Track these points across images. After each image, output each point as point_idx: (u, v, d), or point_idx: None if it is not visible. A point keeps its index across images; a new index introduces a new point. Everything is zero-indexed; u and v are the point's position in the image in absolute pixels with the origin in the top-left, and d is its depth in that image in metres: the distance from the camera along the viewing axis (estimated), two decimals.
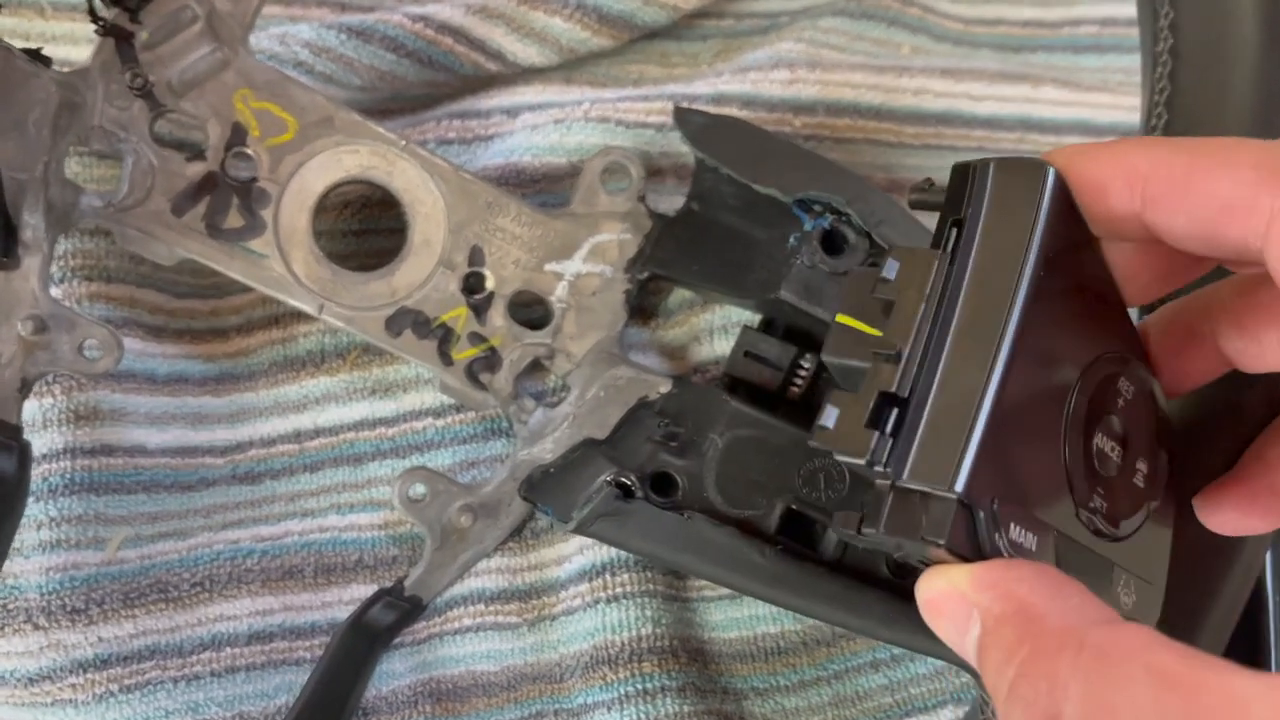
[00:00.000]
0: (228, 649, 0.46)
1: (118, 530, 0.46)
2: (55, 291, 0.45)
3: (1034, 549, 0.31)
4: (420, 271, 0.47)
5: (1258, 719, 0.23)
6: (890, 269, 0.33)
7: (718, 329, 0.50)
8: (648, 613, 0.46)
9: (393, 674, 0.47)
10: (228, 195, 0.45)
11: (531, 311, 0.50)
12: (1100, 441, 0.33)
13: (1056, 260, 0.31)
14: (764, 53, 0.56)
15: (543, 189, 0.52)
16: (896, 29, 0.59)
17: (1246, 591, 0.40)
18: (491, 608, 0.48)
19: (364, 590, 0.48)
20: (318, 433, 0.50)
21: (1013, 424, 0.30)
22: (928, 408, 0.30)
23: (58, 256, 0.46)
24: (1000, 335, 0.30)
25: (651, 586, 0.47)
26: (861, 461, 0.31)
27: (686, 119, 0.48)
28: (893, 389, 0.31)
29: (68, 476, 0.44)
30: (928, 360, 0.31)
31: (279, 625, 0.46)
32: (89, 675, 0.43)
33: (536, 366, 0.49)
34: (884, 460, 0.31)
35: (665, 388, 0.47)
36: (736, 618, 0.48)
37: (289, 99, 0.45)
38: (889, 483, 0.31)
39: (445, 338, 0.47)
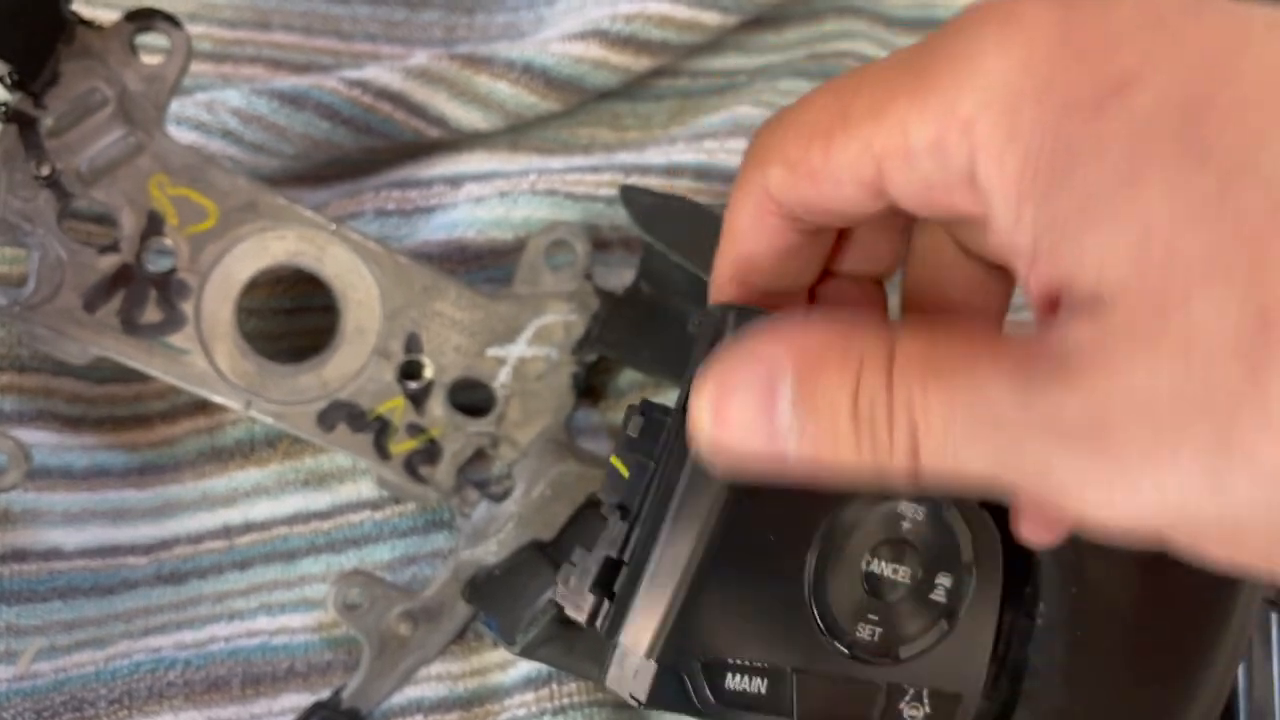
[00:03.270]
0: None
1: (31, 641, 0.43)
2: None
3: (763, 692, 0.33)
4: (354, 361, 0.44)
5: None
6: (634, 426, 0.35)
7: None
8: None
9: None
10: (144, 288, 0.42)
11: (474, 394, 0.47)
12: (879, 568, 0.34)
13: None
14: (720, 117, 0.53)
15: (488, 264, 0.49)
16: None
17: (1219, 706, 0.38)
18: (431, 718, 0.45)
19: (296, 699, 0.45)
20: (248, 528, 0.47)
21: (731, 586, 0.33)
22: (644, 576, 0.33)
23: None
24: (712, 503, 0.32)
25: (600, 695, 0.44)
26: (582, 621, 0.34)
27: (633, 200, 0.45)
28: (616, 553, 0.33)
29: None
30: (651, 521, 0.33)
31: None
32: None
33: (480, 455, 0.47)
34: (600, 622, 0.33)
35: None
36: None
37: (209, 184, 0.42)
38: (611, 642, 0.33)
39: (382, 430, 0.45)
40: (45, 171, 0.40)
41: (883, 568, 0.34)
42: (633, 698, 0.33)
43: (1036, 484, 0.24)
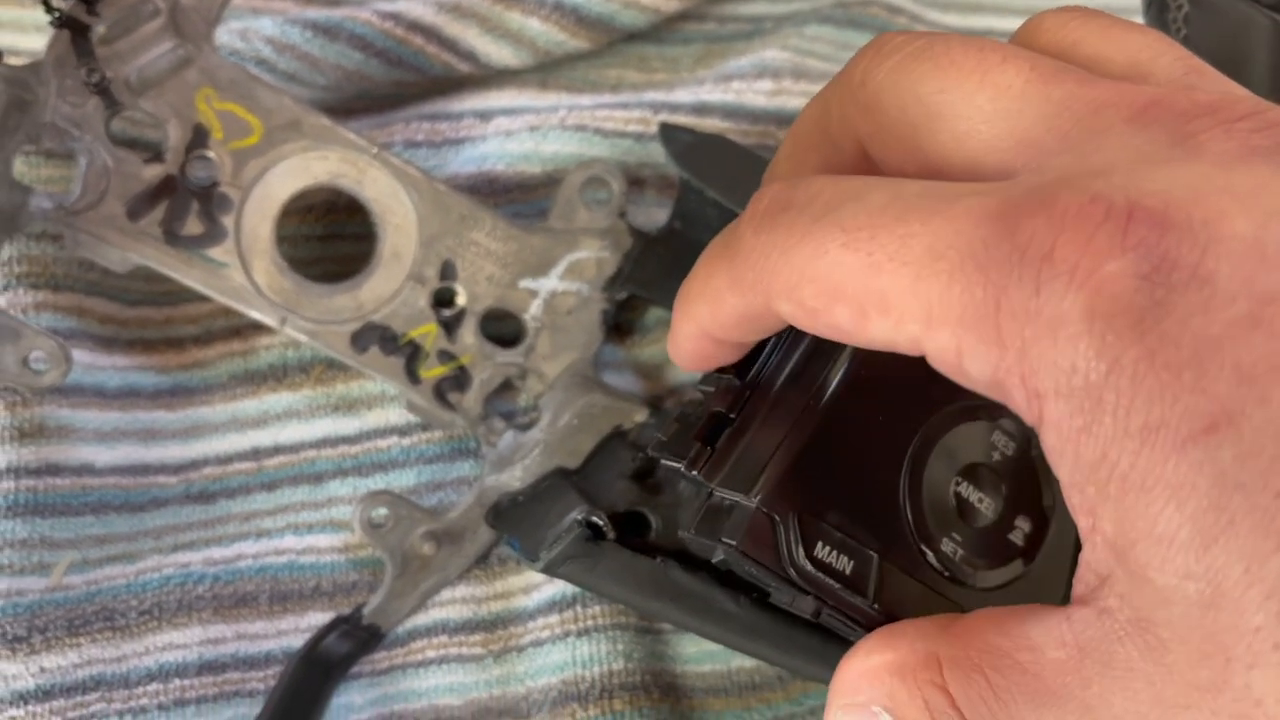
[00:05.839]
0: (176, 680, 0.43)
1: (64, 554, 0.43)
2: None
3: (847, 571, 0.33)
4: (389, 285, 0.45)
5: (1047, 652, 0.25)
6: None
7: None
8: (619, 646, 0.44)
9: (351, 706, 0.45)
10: (187, 200, 0.42)
11: (504, 326, 0.47)
12: (964, 489, 0.34)
13: None
14: (748, 60, 0.54)
15: (516, 198, 0.50)
16: None
17: None
18: (455, 639, 0.45)
19: (322, 618, 0.45)
20: (277, 450, 0.48)
21: (836, 453, 0.33)
22: (750, 428, 0.33)
23: (1, 262, 0.44)
24: (829, 371, 0.33)
25: (623, 619, 0.45)
26: (681, 467, 0.34)
27: (672, 137, 0.46)
28: (725, 409, 0.34)
29: (11, 498, 0.42)
30: (765, 390, 0.34)
31: (231, 655, 0.44)
32: (30, 708, 0.41)
33: (507, 386, 0.47)
34: (701, 468, 0.33)
35: (641, 416, 0.45)
36: (710, 650, 0.46)
37: (255, 100, 0.43)
38: (706, 490, 0.34)
39: (413, 355, 0.45)
40: (95, 78, 0.40)
41: (970, 492, 0.34)
42: (725, 543, 0.33)
43: None
